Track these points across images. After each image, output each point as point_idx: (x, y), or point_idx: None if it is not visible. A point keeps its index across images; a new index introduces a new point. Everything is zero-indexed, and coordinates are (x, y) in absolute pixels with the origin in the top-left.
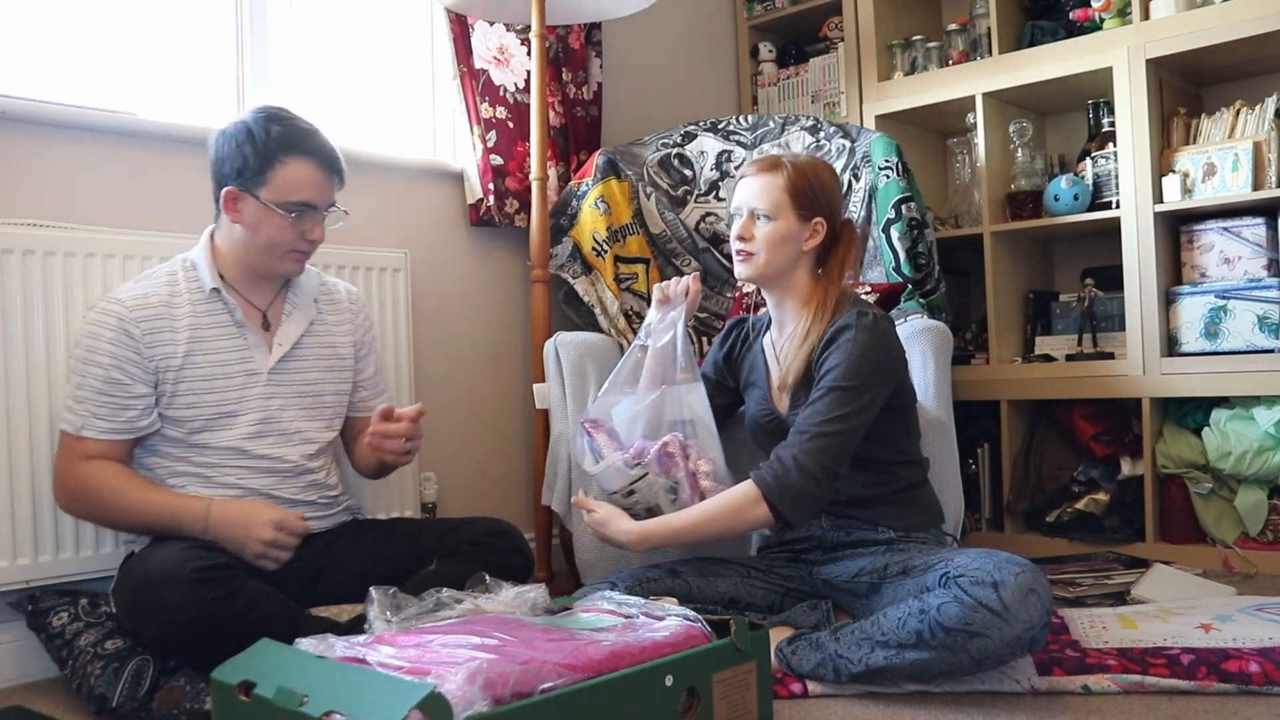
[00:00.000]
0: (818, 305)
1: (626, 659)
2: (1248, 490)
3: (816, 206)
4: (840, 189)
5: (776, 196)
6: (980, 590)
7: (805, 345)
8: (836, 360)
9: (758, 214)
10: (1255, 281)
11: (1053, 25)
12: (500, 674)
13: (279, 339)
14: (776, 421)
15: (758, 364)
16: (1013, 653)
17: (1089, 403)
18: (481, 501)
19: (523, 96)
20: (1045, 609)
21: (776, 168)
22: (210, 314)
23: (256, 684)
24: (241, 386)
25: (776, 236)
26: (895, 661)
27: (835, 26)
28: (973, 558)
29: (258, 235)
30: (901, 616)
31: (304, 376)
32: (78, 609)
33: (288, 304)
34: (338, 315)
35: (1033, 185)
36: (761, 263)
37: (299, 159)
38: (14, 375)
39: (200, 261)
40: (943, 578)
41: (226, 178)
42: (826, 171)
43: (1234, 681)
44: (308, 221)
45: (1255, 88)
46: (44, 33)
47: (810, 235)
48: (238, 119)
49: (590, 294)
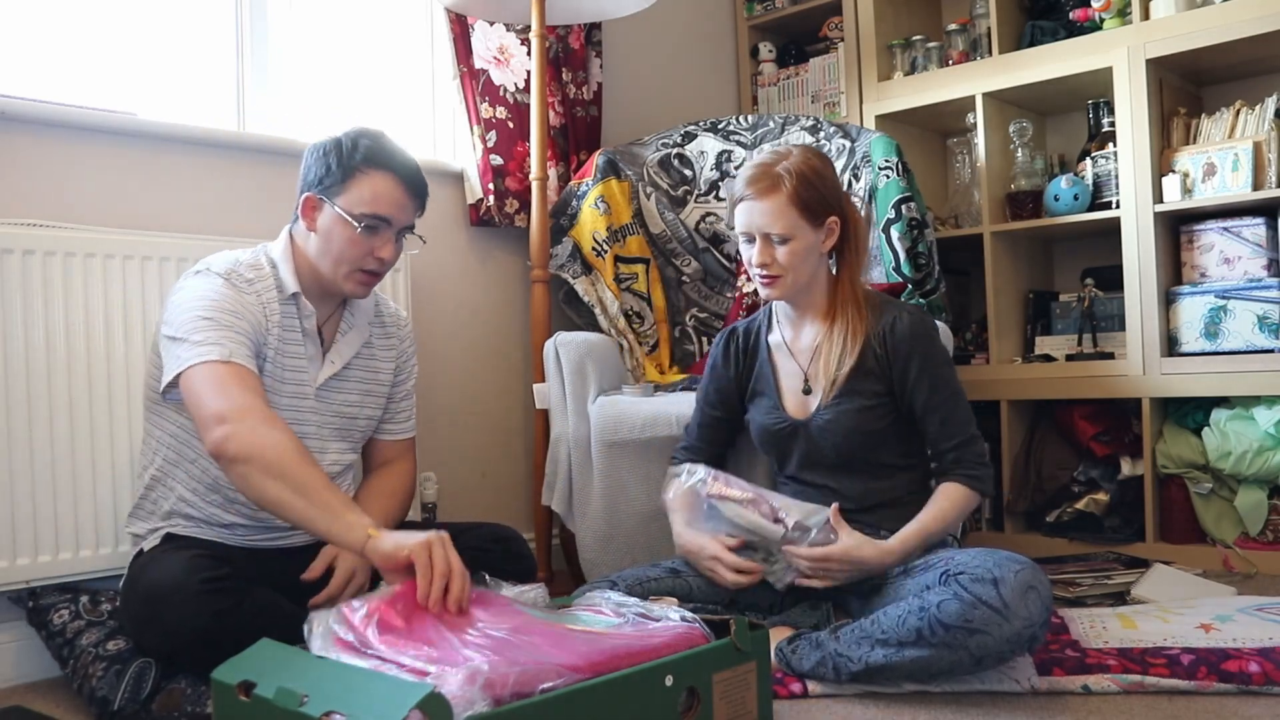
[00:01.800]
0: (852, 304)
1: (625, 659)
2: (1248, 490)
3: (826, 206)
4: (834, 170)
5: (787, 216)
6: (980, 587)
7: (851, 355)
8: (932, 371)
9: (773, 238)
10: (1255, 281)
11: (1053, 25)
12: (500, 675)
13: (332, 356)
14: (792, 428)
15: (764, 372)
16: (1013, 650)
17: (1089, 403)
18: (481, 502)
19: (523, 96)
20: (1045, 606)
21: (777, 185)
22: (286, 315)
23: (256, 684)
24: (292, 396)
25: (799, 254)
26: (895, 659)
27: (835, 26)
28: (972, 555)
29: (329, 246)
30: (901, 614)
31: (345, 398)
32: (79, 606)
33: (344, 323)
34: (386, 340)
35: (1033, 185)
36: (790, 282)
37: (381, 172)
38: (14, 375)
39: (282, 263)
40: (943, 575)
41: (309, 185)
42: (822, 162)
43: (1234, 681)
44: (380, 238)
45: (1255, 88)
46: (44, 33)
47: (828, 236)
48: (335, 133)
49: (590, 294)
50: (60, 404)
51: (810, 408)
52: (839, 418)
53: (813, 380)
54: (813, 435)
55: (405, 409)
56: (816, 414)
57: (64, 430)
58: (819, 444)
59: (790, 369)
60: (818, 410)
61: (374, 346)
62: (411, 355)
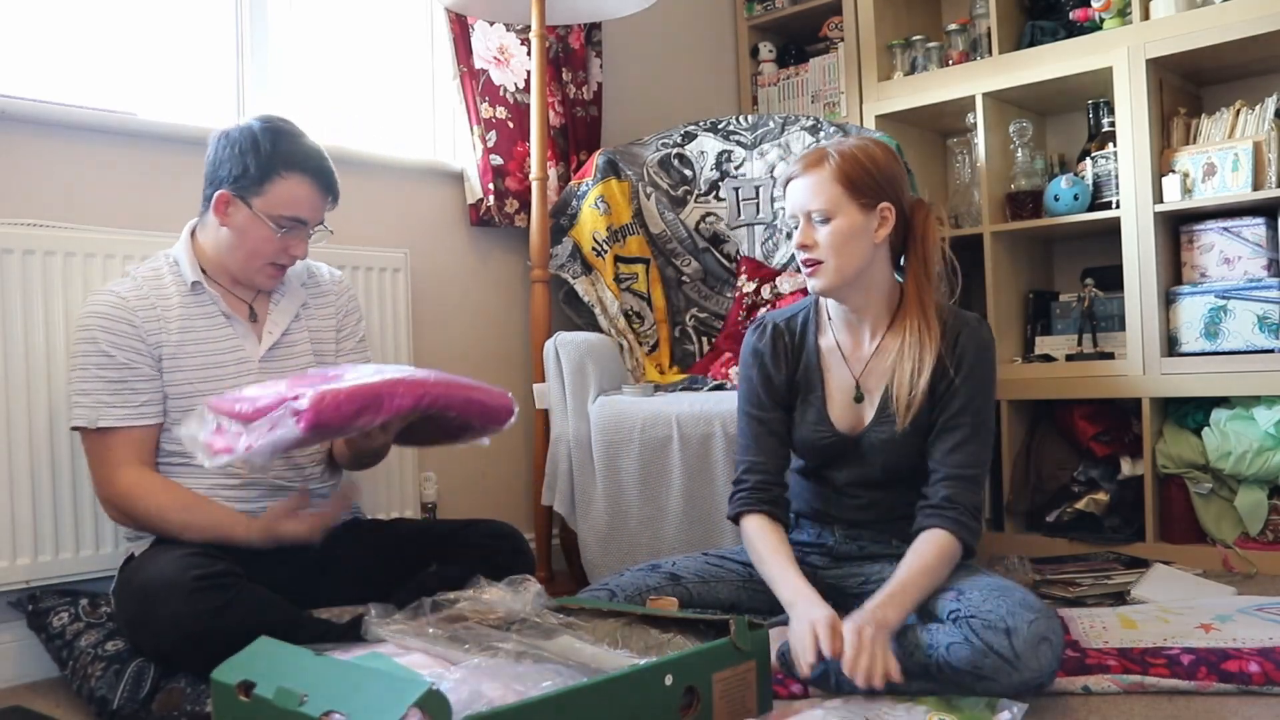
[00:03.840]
0: (919, 317)
1: (454, 388)
2: (1248, 490)
3: (878, 190)
4: (902, 166)
5: (829, 191)
6: (992, 635)
7: (925, 375)
8: (974, 391)
9: (814, 216)
10: (1255, 281)
11: (1053, 25)
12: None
13: (268, 328)
14: (841, 442)
15: (811, 377)
16: (1017, 695)
17: (1089, 403)
18: (481, 501)
19: (523, 96)
20: (1056, 656)
21: (821, 160)
22: (198, 305)
23: (256, 684)
24: (235, 376)
25: (841, 235)
26: (898, 689)
27: (835, 26)
28: (985, 595)
29: (243, 242)
30: (908, 649)
31: (296, 363)
32: (78, 609)
33: (275, 294)
34: (322, 299)
35: (1033, 185)
36: (832, 269)
37: (299, 176)
38: (14, 375)
39: (182, 257)
40: (953, 615)
41: (222, 180)
42: (881, 150)
43: (1234, 681)
44: (294, 237)
45: (1255, 88)
46: (44, 33)
47: (880, 224)
48: (243, 124)
49: (590, 294)
50: (60, 404)
51: (864, 419)
52: (899, 438)
53: (865, 391)
54: (863, 452)
55: (358, 349)
56: (873, 429)
57: (64, 430)
58: (868, 459)
59: (842, 376)
60: (874, 425)
61: (311, 308)
62: (354, 311)
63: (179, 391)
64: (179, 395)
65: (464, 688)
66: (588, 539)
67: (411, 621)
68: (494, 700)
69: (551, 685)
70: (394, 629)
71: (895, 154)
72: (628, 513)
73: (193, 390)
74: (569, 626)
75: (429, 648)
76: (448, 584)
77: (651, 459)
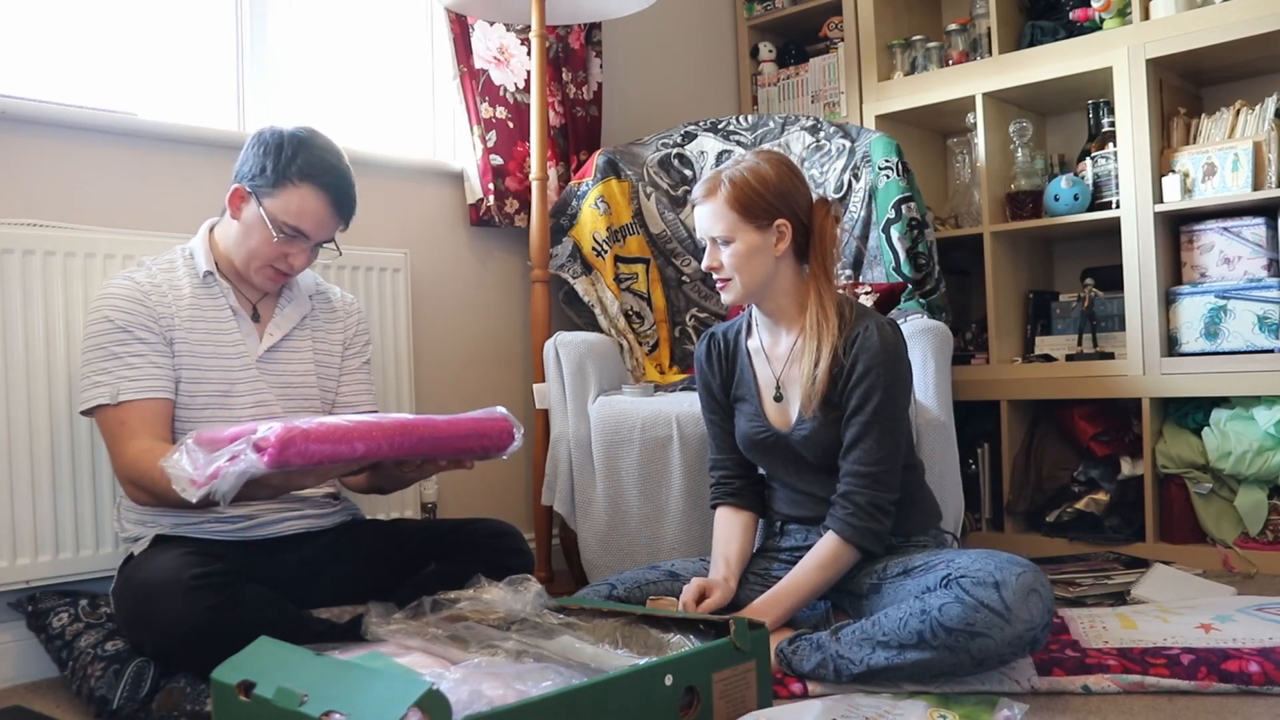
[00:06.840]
0: (818, 317)
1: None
2: (1248, 490)
3: (771, 210)
4: (795, 178)
5: (726, 218)
6: (982, 590)
7: (822, 365)
8: (869, 388)
9: (717, 240)
10: (1255, 281)
11: (1053, 25)
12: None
13: (270, 329)
14: (774, 438)
15: (745, 377)
16: (1014, 652)
17: (1089, 403)
18: (481, 501)
19: (523, 96)
20: (1047, 609)
21: (715, 188)
22: (208, 295)
23: (256, 684)
24: (236, 369)
25: (741, 256)
26: (896, 661)
27: (835, 26)
28: (974, 558)
29: (245, 239)
30: (903, 616)
31: (292, 369)
32: (78, 609)
33: (282, 298)
34: (331, 315)
35: (1033, 185)
36: (739, 285)
37: (311, 188)
38: (14, 375)
39: (197, 249)
40: (944, 579)
41: (243, 176)
42: (773, 167)
43: (1234, 681)
44: (294, 246)
45: (1255, 88)
46: (44, 33)
47: (778, 239)
48: (281, 128)
49: (590, 294)
50: (60, 404)
51: (789, 417)
52: (818, 430)
53: (784, 387)
54: (796, 449)
55: (360, 381)
56: (797, 425)
57: (64, 430)
58: (802, 454)
59: (766, 375)
60: (798, 421)
61: (319, 319)
62: (362, 334)
63: (188, 377)
64: (189, 381)
65: (464, 688)
66: (588, 539)
67: (411, 621)
68: (494, 700)
69: (552, 685)
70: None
71: (788, 166)
72: (627, 513)
73: (200, 377)
74: (569, 626)
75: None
76: (448, 583)
77: (651, 459)
